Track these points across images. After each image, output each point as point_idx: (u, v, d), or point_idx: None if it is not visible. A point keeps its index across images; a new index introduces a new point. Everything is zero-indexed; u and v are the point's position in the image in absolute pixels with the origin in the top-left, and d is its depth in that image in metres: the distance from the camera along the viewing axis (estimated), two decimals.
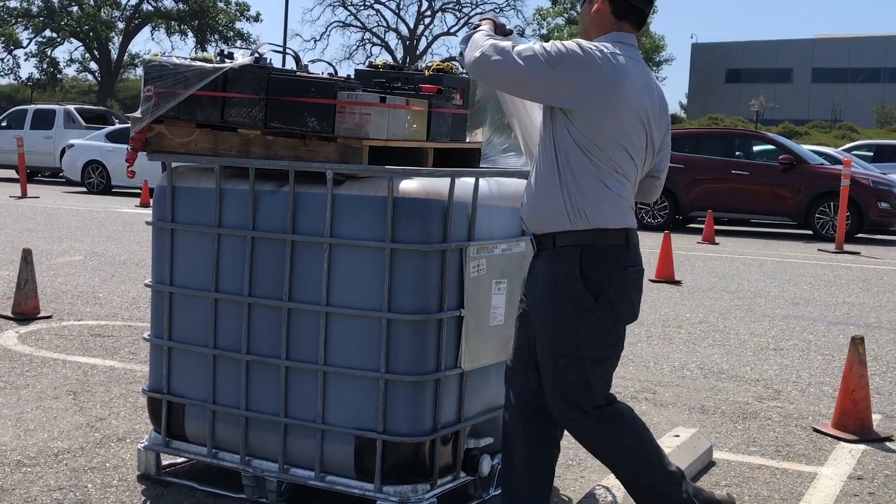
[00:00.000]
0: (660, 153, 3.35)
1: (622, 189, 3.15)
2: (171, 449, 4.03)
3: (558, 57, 3.09)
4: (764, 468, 4.62)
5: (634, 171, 3.22)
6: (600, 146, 3.10)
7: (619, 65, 3.12)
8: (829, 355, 7.19)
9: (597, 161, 3.10)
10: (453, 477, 3.76)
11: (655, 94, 3.25)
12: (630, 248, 3.23)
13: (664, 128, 3.31)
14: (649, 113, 3.20)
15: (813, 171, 17.26)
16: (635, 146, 3.17)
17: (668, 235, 11.03)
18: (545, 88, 3.14)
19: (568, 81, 3.09)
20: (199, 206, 3.88)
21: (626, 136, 3.13)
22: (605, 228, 3.13)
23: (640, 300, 3.33)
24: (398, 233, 3.51)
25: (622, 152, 3.14)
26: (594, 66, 3.08)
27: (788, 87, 72.71)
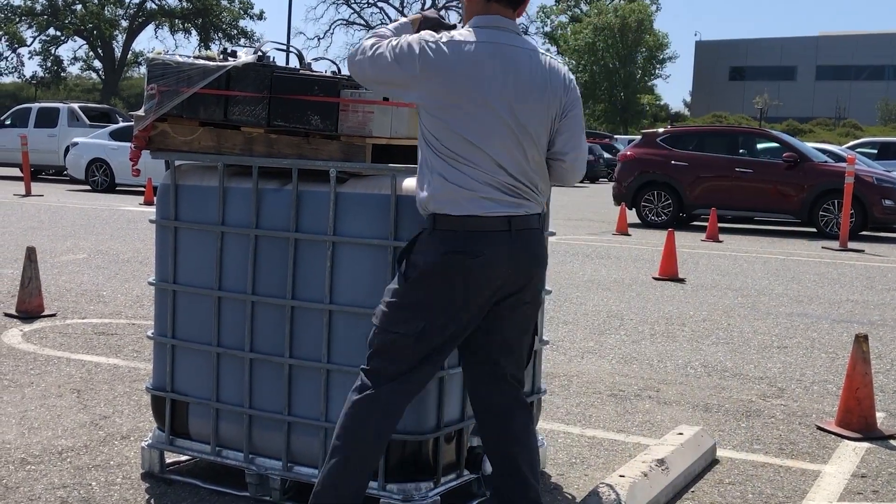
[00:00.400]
0: (560, 136, 3.18)
1: (464, 179, 3.07)
2: (175, 447, 4.03)
3: (399, 53, 3.10)
4: (767, 466, 4.62)
5: (487, 158, 3.07)
6: (439, 137, 3.07)
7: (458, 53, 3.07)
8: (832, 353, 7.19)
9: (438, 152, 3.08)
10: (457, 475, 3.76)
11: (524, 72, 3.11)
12: (467, 235, 3.10)
13: (542, 107, 3.13)
14: (507, 95, 3.07)
15: (817, 169, 17.24)
16: (482, 133, 3.06)
17: (671, 233, 11.02)
18: (392, 85, 3.19)
19: (406, 77, 3.10)
20: (202, 204, 3.88)
21: (468, 125, 3.06)
22: (444, 215, 3.09)
23: (473, 288, 3.12)
24: (401, 231, 3.51)
25: (463, 142, 3.06)
26: (425, 59, 3.06)
27: (792, 85, 72.66)
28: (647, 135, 19.49)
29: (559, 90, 3.17)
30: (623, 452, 4.69)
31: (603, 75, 72.36)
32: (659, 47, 73.82)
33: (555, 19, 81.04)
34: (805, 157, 17.39)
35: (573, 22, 78.21)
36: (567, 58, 74.86)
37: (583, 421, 5.21)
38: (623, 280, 10.60)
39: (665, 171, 17.98)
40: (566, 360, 6.59)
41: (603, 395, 5.75)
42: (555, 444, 4.73)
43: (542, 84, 3.13)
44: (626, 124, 69.96)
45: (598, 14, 72.75)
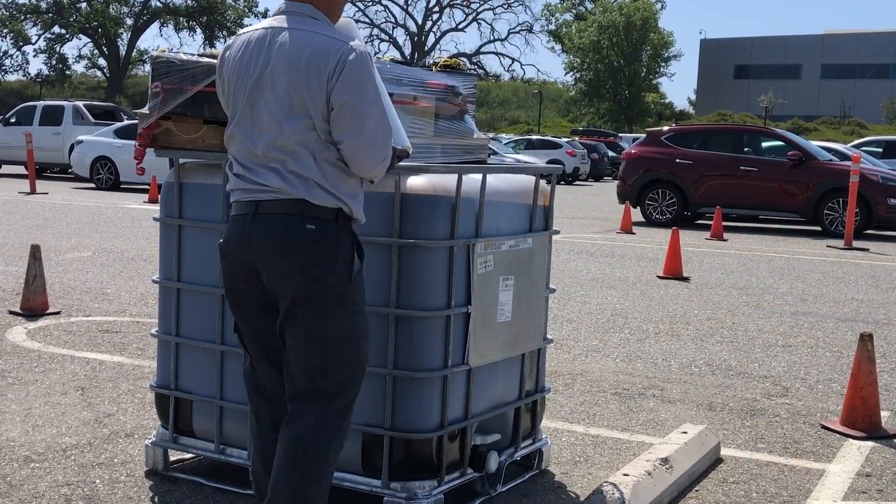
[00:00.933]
0: (334, 123, 2.92)
1: (233, 164, 3.07)
2: (179, 445, 4.04)
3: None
4: (772, 465, 4.61)
5: (242, 144, 3.01)
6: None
7: (229, 48, 3.12)
8: (837, 352, 7.18)
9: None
10: (460, 473, 3.76)
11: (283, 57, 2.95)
12: (229, 220, 3.09)
13: (299, 91, 2.92)
14: (260, 79, 2.97)
15: (822, 168, 17.22)
16: (236, 118, 3.03)
17: (676, 232, 11.01)
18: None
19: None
20: (206, 202, 3.88)
21: (231, 111, 3.06)
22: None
23: (232, 276, 3.06)
24: (406, 229, 3.51)
25: (229, 130, 3.06)
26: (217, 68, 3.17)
27: (797, 83, 72.56)
28: (651, 133, 19.48)
29: (323, 77, 2.90)
30: (627, 451, 4.68)
31: (607, 73, 72.32)
32: (664, 45, 73.78)
33: (559, 17, 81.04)
34: (810, 156, 17.36)
35: (578, 20, 78.18)
36: (572, 56, 74.88)
37: (587, 419, 5.20)
38: (627, 278, 10.59)
39: (670, 170, 17.96)
40: (570, 359, 6.59)
41: (607, 393, 5.74)
42: (558, 443, 4.73)
43: (305, 69, 2.91)
44: (630, 123, 69.91)
45: (602, 12, 72.73)
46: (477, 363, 3.72)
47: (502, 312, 3.84)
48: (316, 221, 2.94)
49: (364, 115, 2.92)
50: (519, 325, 3.96)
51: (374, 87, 2.95)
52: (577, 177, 36.60)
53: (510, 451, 4.04)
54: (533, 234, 4.02)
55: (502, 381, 3.95)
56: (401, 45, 79.35)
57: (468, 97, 4.10)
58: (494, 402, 3.91)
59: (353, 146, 2.93)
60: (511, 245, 3.87)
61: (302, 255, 2.93)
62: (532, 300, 4.04)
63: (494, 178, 3.83)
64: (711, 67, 76.93)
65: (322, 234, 2.94)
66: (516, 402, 4.05)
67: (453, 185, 3.56)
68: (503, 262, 3.82)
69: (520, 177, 4.09)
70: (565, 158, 34.79)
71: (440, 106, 3.92)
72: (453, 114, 4.00)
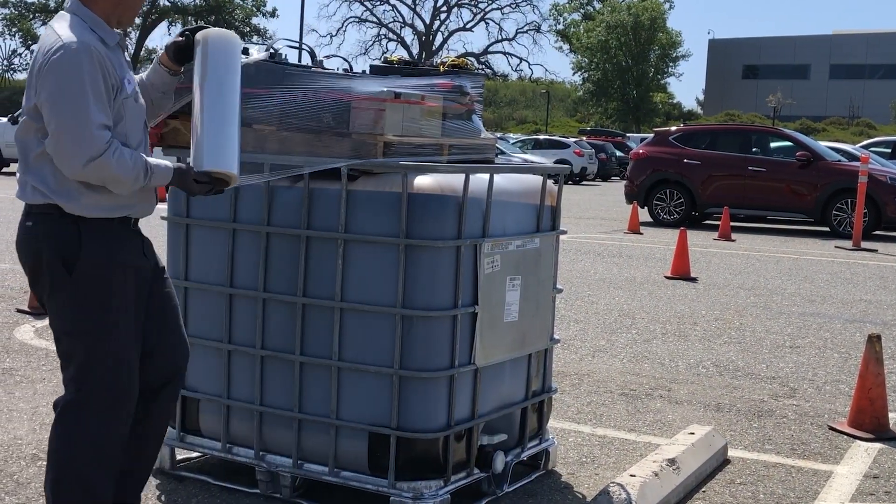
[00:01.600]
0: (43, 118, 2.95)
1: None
2: (186, 444, 4.04)
3: None
4: (779, 466, 4.60)
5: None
6: None
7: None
8: (845, 353, 7.16)
9: None
10: (467, 473, 3.76)
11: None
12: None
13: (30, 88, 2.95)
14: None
15: (830, 168, 17.17)
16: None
17: (683, 232, 11.00)
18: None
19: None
20: (214, 201, 3.88)
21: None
22: None
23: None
24: (412, 229, 3.51)
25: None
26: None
27: (806, 84, 72.37)
28: (659, 133, 19.45)
29: (34, 71, 2.93)
30: (634, 452, 4.68)
31: (615, 73, 72.23)
32: (672, 45, 73.65)
33: (567, 17, 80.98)
34: (818, 156, 17.32)
35: (586, 20, 78.10)
36: (579, 56, 74.81)
37: (593, 420, 5.20)
38: (635, 279, 10.57)
39: (677, 170, 17.93)
40: (577, 359, 6.58)
41: (614, 393, 5.74)
42: (565, 443, 4.73)
43: (33, 65, 2.96)
44: (638, 123, 69.82)
45: (611, 12, 72.63)
46: (484, 363, 3.72)
47: (509, 312, 3.84)
48: (34, 218, 2.99)
49: (54, 114, 2.87)
50: (526, 325, 3.95)
51: (73, 89, 2.85)
52: (584, 177, 36.57)
53: (517, 452, 4.03)
54: (540, 233, 4.02)
55: (509, 381, 3.95)
56: (409, 44, 79.37)
57: (476, 97, 4.09)
58: (501, 402, 3.91)
59: (49, 144, 2.91)
60: (518, 245, 3.86)
61: (22, 252, 3.04)
62: (539, 300, 4.03)
63: (501, 178, 3.83)
64: (720, 67, 76.77)
65: (36, 229, 2.99)
66: (523, 402, 4.05)
67: (460, 184, 3.56)
68: (510, 262, 3.82)
69: (527, 176, 4.08)
70: (573, 158, 34.75)
71: (448, 105, 3.92)
72: (461, 113, 4.00)
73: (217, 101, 3.08)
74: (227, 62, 3.15)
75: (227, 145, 3.08)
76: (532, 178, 4.09)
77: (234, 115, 3.10)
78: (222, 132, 3.08)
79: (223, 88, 3.11)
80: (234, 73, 3.14)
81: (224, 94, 3.10)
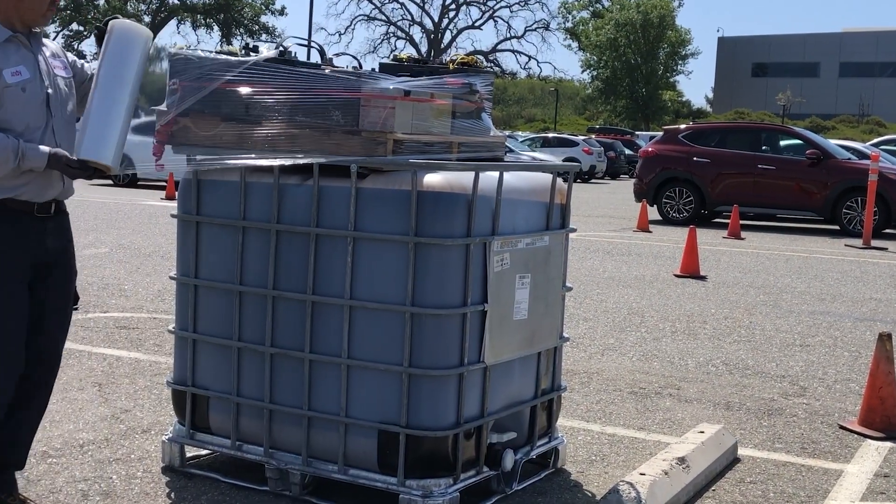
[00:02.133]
0: None
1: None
2: (196, 441, 4.05)
3: None
4: (789, 465, 4.59)
5: None
6: None
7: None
8: (855, 352, 7.14)
9: None
10: (476, 471, 3.76)
11: None
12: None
13: None
14: None
15: (840, 166, 17.13)
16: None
17: (693, 230, 10.98)
18: None
19: None
20: (223, 199, 3.89)
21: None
22: None
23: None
24: (422, 227, 3.51)
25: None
26: None
27: (815, 82, 72.15)
28: (668, 131, 19.40)
29: None
30: (643, 450, 4.67)
31: (624, 71, 72.11)
32: (681, 43, 73.52)
33: (576, 15, 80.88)
34: (828, 155, 17.27)
35: (595, 18, 77.98)
36: (588, 53, 74.72)
37: (603, 418, 5.19)
38: (644, 277, 10.56)
39: (687, 168, 17.90)
40: (586, 357, 6.58)
41: (623, 392, 5.73)
42: (575, 442, 4.72)
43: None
44: (647, 120, 69.72)
45: (620, 10, 72.51)
46: (493, 361, 3.72)
47: (518, 310, 3.83)
48: None
49: None
50: (535, 323, 3.95)
51: None
52: (593, 175, 36.54)
53: (526, 450, 4.03)
54: (549, 231, 4.01)
55: (518, 379, 3.95)
56: (417, 42, 79.35)
57: (485, 95, 4.09)
58: (510, 400, 3.90)
59: None
60: (527, 243, 3.86)
61: None
62: (548, 298, 4.03)
63: (511, 176, 3.82)
64: (729, 65, 76.58)
65: None
66: (532, 400, 4.04)
67: (470, 182, 3.56)
68: (520, 260, 3.82)
69: (536, 174, 4.08)
70: (582, 156, 34.72)
71: (457, 103, 3.92)
72: (470, 111, 3.99)
73: (106, 92, 3.24)
74: (125, 55, 3.30)
75: (108, 136, 3.25)
76: (541, 176, 4.08)
77: (121, 107, 3.25)
78: (104, 123, 3.24)
79: (114, 80, 3.27)
80: (128, 67, 3.27)
81: (114, 87, 3.26)
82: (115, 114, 3.26)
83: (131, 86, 3.30)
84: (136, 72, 3.31)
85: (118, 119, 3.27)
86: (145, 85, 3.51)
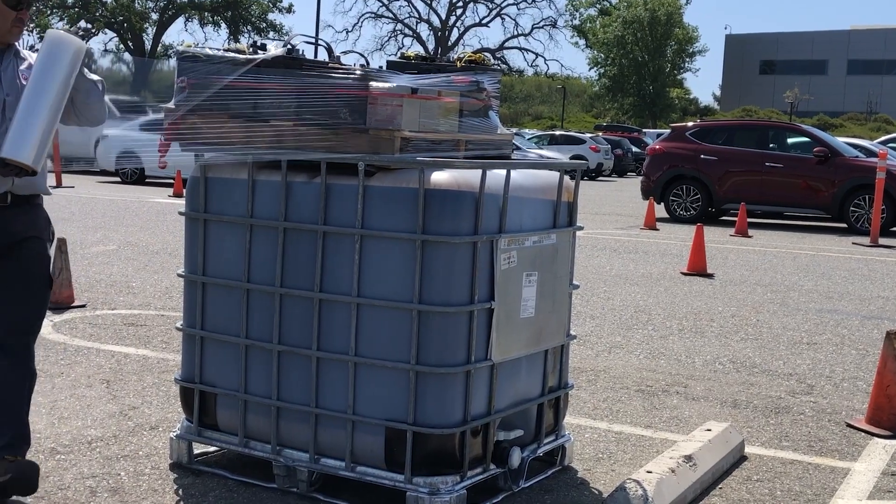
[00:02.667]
0: None
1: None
2: (203, 438, 4.06)
3: None
4: (796, 463, 4.59)
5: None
6: None
7: None
8: (863, 350, 7.13)
9: None
10: (483, 469, 3.76)
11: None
12: None
13: None
14: None
15: (848, 164, 17.09)
16: None
17: (700, 228, 10.96)
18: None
19: None
20: (231, 196, 3.90)
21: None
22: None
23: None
24: (429, 224, 3.51)
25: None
26: None
27: (823, 79, 72.03)
28: (676, 129, 19.37)
29: None
30: (650, 448, 4.67)
31: (632, 69, 72.06)
32: (688, 41, 73.45)
33: (583, 12, 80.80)
34: (836, 152, 17.24)
35: (602, 15, 77.90)
36: (596, 51, 74.65)
37: (610, 416, 5.19)
38: (651, 275, 10.55)
39: (694, 166, 17.87)
40: (593, 355, 6.58)
41: (630, 390, 5.73)
42: (581, 440, 4.72)
43: None
44: (654, 118, 69.64)
45: (627, 7, 72.45)
46: (500, 359, 3.72)
47: (525, 308, 3.84)
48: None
49: None
50: (542, 321, 3.95)
51: None
52: (600, 172, 36.50)
53: (533, 447, 4.03)
54: (557, 229, 4.01)
55: (525, 377, 3.95)
56: (425, 39, 79.31)
57: (493, 93, 4.09)
58: (517, 397, 3.91)
59: None
60: (535, 241, 3.86)
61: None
62: (555, 296, 4.03)
63: (518, 174, 3.82)
64: (736, 63, 76.48)
65: None
66: (539, 398, 4.05)
67: (477, 180, 3.56)
68: (527, 258, 3.82)
69: (543, 172, 4.08)
70: (589, 154, 34.69)
71: (465, 101, 3.92)
72: (478, 109, 4.00)
73: (31, 96, 3.47)
74: (51, 63, 3.50)
75: (27, 137, 3.45)
76: (549, 173, 4.08)
77: (43, 110, 3.46)
78: (24, 124, 3.45)
79: (38, 86, 3.47)
80: (52, 74, 3.48)
81: (38, 91, 3.47)
82: (36, 116, 3.46)
83: (55, 91, 3.49)
84: (60, 79, 3.50)
85: (39, 121, 3.46)
86: (151, 82, 3.63)
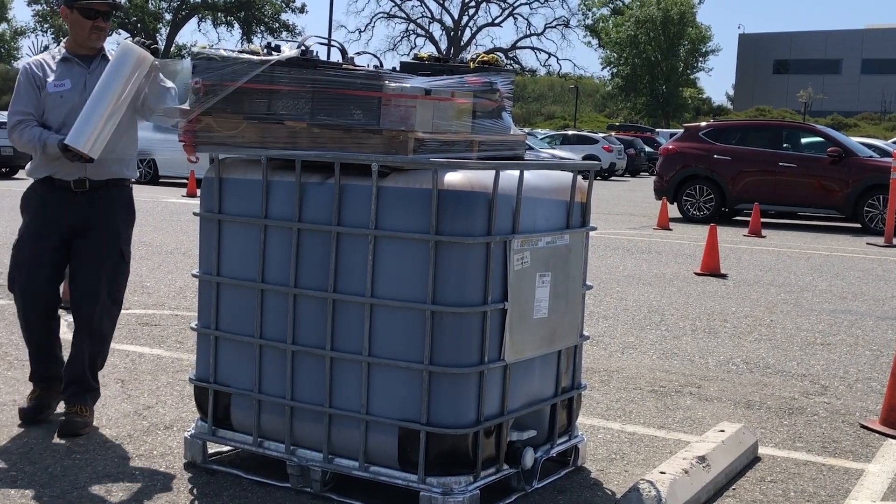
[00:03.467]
0: None
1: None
2: (218, 438, 4.07)
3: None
4: (810, 464, 4.58)
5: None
6: None
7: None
8: (877, 351, 7.11)
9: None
10: (496, 469, 3.77)
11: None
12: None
13: None
14: None
15: (862, 164, 17.03)
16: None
17: (713, 228, 10.94)
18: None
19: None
20: (246, 197, 3.91)
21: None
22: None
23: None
24: (443, 225, 3.52)
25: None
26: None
27: (837, 79, 71.73)
28: (689, 128, 19.34)
29: None
30: (664, 449, 4.67)
31: (645, 68, 71.88)
32: (701, 40, 73.19)
33: (596, 12, 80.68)
34: (850, 152, 17.18)
35: (615, 15, 77.76)
36: (608, 51, 74.53)
37: (623, 417, 5.19)
38: (664, 275, 10.54)
39: (707, 166, 17.84)
40: (606, 356, 6.57)
41: (643, 390, 5.72)
42: (595, 440, 4.72)
43: None
44: (667, 118, 69.48)
45: (640, 7, 72.29)
46: (513, 359, 3.73)
47: (539, 309, 3.84)
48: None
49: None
50: (555, 321, 3.95)
51: (16, 88, 4.44)
52: (613, 172, 36.47)
53: (546, 448, 4.04)
54: (570, 230, 4.02)
55: (538, 377, 3.95)
56: (437, 40, 79.32)
57: (506, 93, 4.09)
58: (531, 398, 3.91)
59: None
60: (548, 241, 3.87)
61: None
62: (569, 297, 4.03)
63: (531, 175, 3.83)
64: (750, 62, 76.23)
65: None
66: (552, 398, 4.05)
67: (490, 181, 3.57)
68: (540, 259, 3.82)
69: (557, 173, 4.08)
70: (602, 154, 34.67)
71: (478, 102, 3.93)
72: (491, 110, 4.00)
73: (95, 95, 4.21)
74: (115, 70, 4.22)
75: (87, 129, 4.16)
76: (562, 174, 4.09)
77: (104, 108, 4.18)
78: (87, 119, 4.17)
79: (103, 87, 4.21)
80: (115, 79, 4.21)
81: (101, 93, 4.20)
82: (97, 113, 4.17)
83: (117, 92, 4.20)
84: (121, 82, 4.21)
85: (99, 118, 4.17)
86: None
